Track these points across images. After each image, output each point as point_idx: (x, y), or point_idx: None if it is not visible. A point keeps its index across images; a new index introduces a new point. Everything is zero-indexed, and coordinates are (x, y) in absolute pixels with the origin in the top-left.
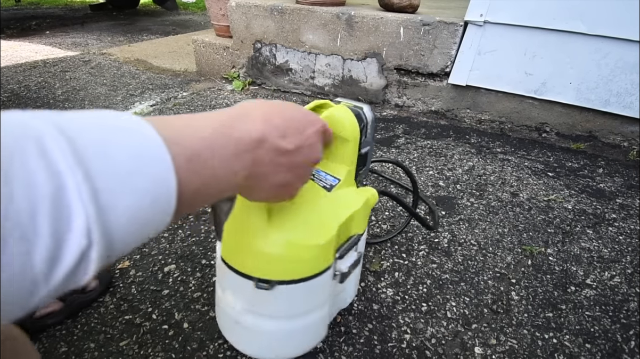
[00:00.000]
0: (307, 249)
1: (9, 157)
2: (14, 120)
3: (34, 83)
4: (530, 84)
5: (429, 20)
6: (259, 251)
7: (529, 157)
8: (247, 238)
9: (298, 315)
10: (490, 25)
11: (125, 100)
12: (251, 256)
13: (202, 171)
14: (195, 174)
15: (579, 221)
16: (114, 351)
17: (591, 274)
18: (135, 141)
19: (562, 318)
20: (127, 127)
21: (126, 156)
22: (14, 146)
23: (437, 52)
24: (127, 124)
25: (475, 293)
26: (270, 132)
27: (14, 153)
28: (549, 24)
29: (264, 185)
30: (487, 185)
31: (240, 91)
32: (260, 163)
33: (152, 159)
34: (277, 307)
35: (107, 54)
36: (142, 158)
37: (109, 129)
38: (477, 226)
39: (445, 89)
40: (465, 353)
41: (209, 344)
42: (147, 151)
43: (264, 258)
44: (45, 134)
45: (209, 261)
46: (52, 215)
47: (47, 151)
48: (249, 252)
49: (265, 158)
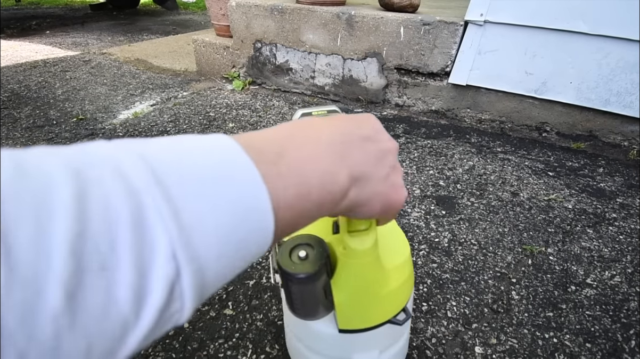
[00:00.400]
0: (410, 267)
1: (84, 182)
2: (89, 149)
3: (34, 83)
4: (530, 83)
5: (429, 20)
6: (392, 289)
7: (530, 156)
8: (375, 287)
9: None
10: (490, 24)
11: (125, 100)
12: (385, 297)
13: (293, 174)
14: (285, 177)
15: (580, 220)
16: None
17: (591, 273)
18: (214, 152)
19: (562, 317)
20: (203, 142)
21: (205, 167)
22: (89, 171)
23: (437, 52)
24: (201, 140)
25: (476, 292)
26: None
27: (89, 178)
28: (549, 24)
29: (373, 186)
30: (487, 185)
31: (240, 90)
32: (353, 154)
33: (234, 166)
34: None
35: (107, 53)
36: (224, 166)
37: (185, 146)
38: (478, 225)
39: (445, 89)
40: (465, 352)
41: (209, 344)
42: (228, 158)
43: (395, 293)
44: (121, 158)
45: None
46: (133, 240)
47: (124, 172)
48: (381, 296)
49: (354, 147)
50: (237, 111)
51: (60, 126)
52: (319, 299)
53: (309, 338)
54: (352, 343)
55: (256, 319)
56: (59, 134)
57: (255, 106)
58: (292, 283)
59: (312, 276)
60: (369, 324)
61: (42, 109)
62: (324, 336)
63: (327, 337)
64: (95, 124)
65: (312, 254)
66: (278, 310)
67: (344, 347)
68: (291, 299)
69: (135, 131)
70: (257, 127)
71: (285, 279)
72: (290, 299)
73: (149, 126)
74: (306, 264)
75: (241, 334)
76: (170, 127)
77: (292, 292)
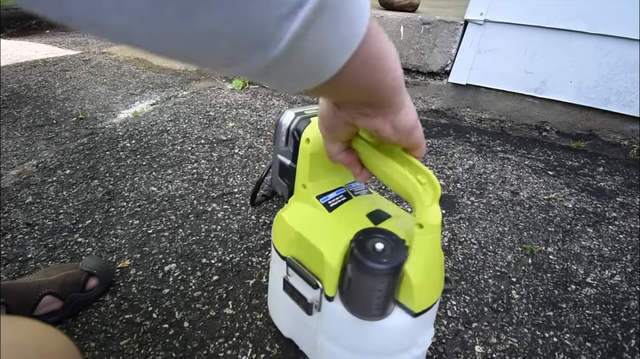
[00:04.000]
0: None
1: None
2: None
3: (34, 82)
4: (530, 82)
5: (429, 19)
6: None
7: (529, 155)
8: (440, 259)
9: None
10: (490, 24)
11: (125, 99)
12: (442, 267)
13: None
14: (379, 35)
15: (579, 219)
16: (115, 350)
17: (591, 272)
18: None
19: (562, 316)
20: None
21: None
22: None
23: (437, 51)
24: None
25: (476, 291)
26: None
27: None
28: (549, 23)
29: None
30: (487, 184)
31: (240, 89)
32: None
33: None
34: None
35: (107, 53)
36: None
37: None
38: (478, 224)
39: (445, 88)
40: (465, 351)
41: (210, 343)
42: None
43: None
44: None
45: (209, 260)
46: None
47: None
48: (441, 266)
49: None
50: (237, 110)
51: (60, 125)
52: (395, 292)
53: (373, 341)
54: (420, 325)
55: (256, 318)
56: (59, 134)
57: (255, 105)
58: (378, 275)
59: (400, 265)
60: (435, 299)
61: (42, 109)
62: (396, 330)
63: (399, 329)
64: (95, 124)
65: (389, 245)
66: None
67: (411, 334)
68: (370, 298)
69: (135, 130)
70: (257, 126)
71: (365, 273)
72: (369, 298)
73: (149, 125)
74: (391, 254)
75: (241, 333)
76: (171, 126)
77: (375, 287)
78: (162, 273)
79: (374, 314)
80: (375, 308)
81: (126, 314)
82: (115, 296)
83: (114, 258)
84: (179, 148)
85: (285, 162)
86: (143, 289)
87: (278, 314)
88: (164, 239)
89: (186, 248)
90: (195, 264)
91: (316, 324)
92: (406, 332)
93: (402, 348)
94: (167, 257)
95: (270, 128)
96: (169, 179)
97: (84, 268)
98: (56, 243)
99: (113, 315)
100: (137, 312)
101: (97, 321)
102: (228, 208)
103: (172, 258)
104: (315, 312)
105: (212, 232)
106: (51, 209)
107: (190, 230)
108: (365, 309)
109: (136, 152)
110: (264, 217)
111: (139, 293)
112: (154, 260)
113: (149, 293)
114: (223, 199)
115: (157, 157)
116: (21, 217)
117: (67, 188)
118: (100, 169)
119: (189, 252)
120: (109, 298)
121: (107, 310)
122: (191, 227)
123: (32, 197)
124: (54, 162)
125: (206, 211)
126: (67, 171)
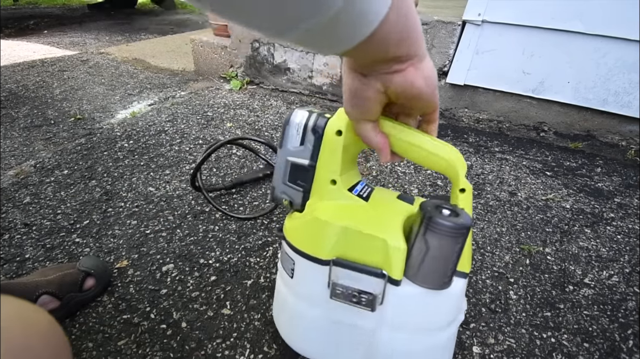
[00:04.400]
0: None
1: None
2: None
3: (32, 82)
4: (528, 83)
5: (427, 20)
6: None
7: (527, 156)
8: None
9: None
10: (488, 24)
11: (123, 99)
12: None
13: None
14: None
15: (577, 220)
16: (112, 350)
17: (589, 273)
18: None
19: (560, 317)
20: None
21: None
22: None
23: (435, 52)
24: None
25: (474, 292)
26: None
27: None
28: (547, 23)
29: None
30: (485, 184)
31: (238, 90)
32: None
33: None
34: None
35: (105, 53)
36: None
37: None
38: (475, 225)
39: (443, 89)
40: (463, 352)
41: (207, 343)
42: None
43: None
44: None
45: (207, 261)
46: None
47: None
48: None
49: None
50: (235, 111)
51: (58, 126)
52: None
53: (439, 313)
54: (462, 294)
55: (254, 318)
56: (56, 134)
57: (253, 106)
58: (459, 235)
59: (469, 226)
60: (471, 263)
61: (40, 109)
62: (456, 296)
63: (459, 294)
64: (93, 124)
65: (451, 210)
66: None
67: (462, 298)
68: (447, 263)
69: (133, 131)
70: (255, 127)
71: (447, 235)
72: (447, 263)
73: (147, 125)
74: (458, 216)
75: (239, 334)
76: (168, 126)
77: (454, 249)
78: (160, 273)
79: (444, 282)
80: (450, 273)
81: (124, 315)
82: (112, 296)
83: (111, 258)
84: (176, 148)
85: (302, 162)
86: (141, 290)
87: (310, 344)
88: (162, 239)
89: (184, 248)
90: (193, 265)
91: (375, 323)
92: (461, 296)
93: (455, 316)
94: (165, 257)
95: (268, 128)
96: (167, 180)
97: (81, 268)
98: (54, 243)
99: (111, 315)
100: (135, 312)
101: (95, 321)
102: (226, 208)
103: (170, 258)
104: (377, 307)
105: (210, 233)
106: (49, 209)
107: (188, 230)
108: (441, 277)
109: (134, 152)
110: (261, 219)
111: (136, 293)
112: (151, 260)
113: (146, 293)
114: (221, 200)
115: (154, 157)
116: (19, 217)
117: (65, 188)
118: (98, 169)
119: (186, 253)
120: (107, 298)
121: (104, 310)
122: (189, 228)
123: (30, 198)
124: (51, 162)
125: (204, 211)
126: (65, 171)
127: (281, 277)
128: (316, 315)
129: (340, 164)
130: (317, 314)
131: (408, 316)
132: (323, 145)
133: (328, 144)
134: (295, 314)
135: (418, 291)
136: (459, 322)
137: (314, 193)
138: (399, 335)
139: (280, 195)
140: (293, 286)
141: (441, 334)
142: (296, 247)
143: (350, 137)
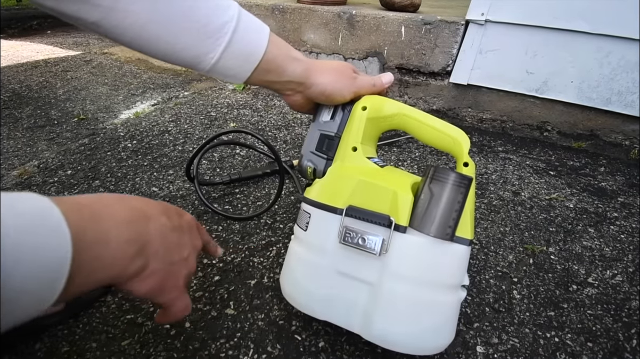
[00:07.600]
0: None
1: None
2: None
3: (35, 83)
4: (531, 82)
5: (430, 19)
6: None
7: (531, 156)
8: (474, 201)
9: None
10: (491, 24)
11: (126, 99)
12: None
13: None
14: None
15: (581, 219)
16: (116, 350)
17: (593, 272)
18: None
19: (563, 316)
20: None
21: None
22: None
23: (438, 51)
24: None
25: (477, 291)
26: (153, 208)
27: None
28: (550, 23)
29: (154, 264)
30: (488, 184)
31: (241, 90)
32: (151, 237)
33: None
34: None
35: (108, 53)
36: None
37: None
38: (479, 224)
39: (446, 88)
40: (467, 351)
41: (211, 343)
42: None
43: None
44: None
45: (211, 261)
46: None
47: None
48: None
49: (154, 232)
50: (238, 111)
51: (61, 126)
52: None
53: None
54: (467, 260)
55: (257, 318)
56: (60, 134)
57: (257, 106)
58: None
59: (472, 180)
60: (473, 235)
61: (43, 109)
62: (460, 256)
63: (463, 255)
64: (96, 124)
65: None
66: (279, 309)
67: (465, 266)
68: (450, 212)
69: (136, 131)
70: (258, 127)
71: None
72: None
73: (150, 125)
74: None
75: (242, 333)
76: (172, 127)
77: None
78: None
79: (447, 233)
80: (453, 223)
81: (128, 315)
82: (116, 296)
83: None
84: (180, 148)
85: (330, 133)
86: None
87: (311, 297)
88: None
89: None
90: (197, 265)
91: (379, 272)
92: (464, 261)
93: (458, 282)
94: None
95: (271, 128)
96: (170, 180)
97: None
98: None
99: (114, 316)
100: (139, 312)
101: (99, 321)
102: (229, 209)
103: None
104: (382, 254)
105: (214, 233)
106: None
107: None
108: (443, 226)
109: (137, 152)
110: (265, 218)
111: None
112: None
113: None
114: (224, 200)
115: (158, 157)
116: None
117: (69, 189)
118: (101, 169)
119: None
120: (111, 299)
121: (108, 311)
122: None
123: None
124: (55, 162)
125: (207, 211)
126: (69, 171)
127: (295, 238)
128: (324, 264)
129: (362, 135)
130: (325, 263)
131: (412, 266)
132: (350, 118)
133: (354, 117)
134: (304, 266)
135: (423, 240)
136: (461, 298)
137: (337, 158)
138: (402, 286)
139: (307, 163)
140: (305, 238)
141: (442, 296)
142: (314, 200)
143: (374, 112)
